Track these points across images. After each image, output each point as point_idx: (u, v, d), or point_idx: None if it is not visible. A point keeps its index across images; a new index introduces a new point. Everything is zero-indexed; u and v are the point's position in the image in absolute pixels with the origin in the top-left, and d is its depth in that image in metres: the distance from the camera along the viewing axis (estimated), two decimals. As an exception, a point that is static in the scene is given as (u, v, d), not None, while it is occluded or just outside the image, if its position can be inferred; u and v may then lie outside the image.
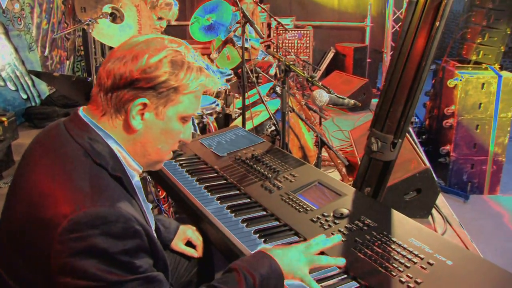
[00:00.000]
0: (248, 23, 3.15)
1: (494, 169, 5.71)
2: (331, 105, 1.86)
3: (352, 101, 1.87)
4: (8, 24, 6.00)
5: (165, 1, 3.57)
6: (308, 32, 7.33)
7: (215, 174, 2.13)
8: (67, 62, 7.28)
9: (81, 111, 1.31)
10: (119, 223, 1.10)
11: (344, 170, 3.78)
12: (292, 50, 6.93)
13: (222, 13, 4.47)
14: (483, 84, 5.37)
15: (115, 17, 2.92)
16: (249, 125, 3.34)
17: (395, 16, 7.30)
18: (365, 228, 1.60)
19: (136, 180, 1.37)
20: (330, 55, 7.65)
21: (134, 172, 1.35)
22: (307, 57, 7.28)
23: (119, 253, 1.09)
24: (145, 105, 1.24)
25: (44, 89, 6.60)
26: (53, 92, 6.61)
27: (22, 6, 6.26)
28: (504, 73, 5.43)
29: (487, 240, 4.41)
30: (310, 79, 2.09)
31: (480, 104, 5.44)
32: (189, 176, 2.11)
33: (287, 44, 7.07)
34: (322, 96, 1.86)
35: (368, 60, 7.53)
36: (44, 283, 1.13)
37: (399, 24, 7.40)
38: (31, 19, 6.48)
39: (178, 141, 1.38)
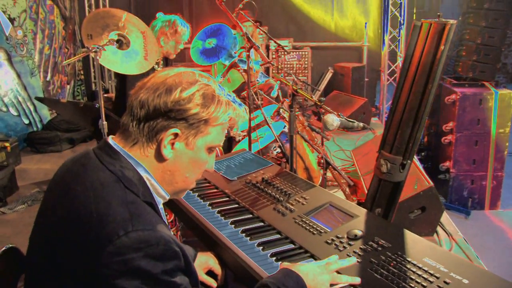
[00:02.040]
0: (253, 48, 3.22)
1: (494, 184, 5.75)
2: (342, 129, 1.92)
3: (362, 124, 1.93)
4: (11, 51, 6.07)
5: (180, 27, 3.66)
6: (306, 53, 7.43)
7: (227, 198, 2.16)
8: (68, 86, 7.35)
9: (111, 139, 1.37)
10: (160, 245, 1.17)
11: (347, 189, 3.82)
12: (292, 71, 7.02)
13: (223, 36, 4.54)
14: (481, 100, 5.45)
15: (121, 43, 2.97)
16: (253, 147, 3.39)
17: (391, 36, 7.41)
18: (380, 249, 1.63)
19: (160, 207, 1.42)
20: (329, 75, 7.74)
21: (161, 199, 1.41)
22: (305, 77, 7.36)
23: (161, 273, 1.16)
24: (176, 135, 1.31)
25: (46, 114, 6.65)
26: (55, 117, 6.66)
27: (25, 32, 6.34)
28: (500, 90, 5.52)
29: (491, 256, 4.43)
30: (318, 103, 2.14)
31: (478, 120, 5.51)
32: (201, 200, 2.14)
33: (286, 66, 7.16)
34: (333, 120, 1.92)
35: (366, 79, 7.61)
36: None
37: (395, 44, 7.53)
38: (34, 45, 6.56)
39: (203, 170, 1.45)
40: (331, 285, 1.46)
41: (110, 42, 2.85)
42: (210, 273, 1.86)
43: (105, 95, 5.65)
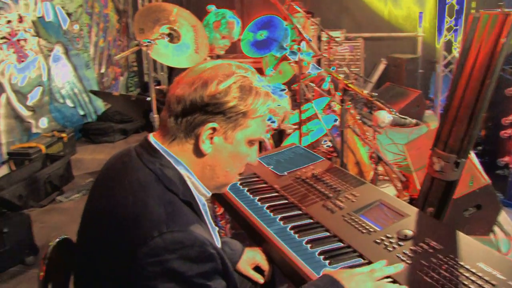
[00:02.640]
0: (304, 41, 3.18)
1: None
2: (393, 126, 1.86)
3: (414, 121, 1.87)
4: (68, 44, 6.28)
5: (229, 21, 3.65)
6: (358, 44, 7.29)
7: (276, 194, 2.15)
8: (121, 78, 7.54)
9: (152, 137, 1.37)
10: (195, 247, 1.15)
11: (399, 185, 3.74)
12: (344, 63, 6.91)
13: (275, 28, 4.51)
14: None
15: (172, 37, 3.01)
16: (304, 141, 3.36)
17: (448, 26, 7.15)
18: (431, 250, 1.58)
19: (203, 204, 1.42)
20: (382, 67, 7.57)
21: (202, 197, 1.40)
22: (358, 69, 7.24)
23: (196, 276, 1.14)
24: (214, 129, 1.29)
25: (100, 105, 6.86)
26: (109, 108, 6.85)
27: (81, 26, 6.55)
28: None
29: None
30: (370, 98, 2.09)
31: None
32: (251, 195, 2.14)
33: (338, 57, 7.06)
34: (385, 117, 1.87)
35: (420, 70, 7.39)
36: None
37: (451, 34, 7.26)
38: (89, 38, 6.77)
39: (245, 164, 1.43)
40: None
41: (161, 36, 2.88)
42: (257, 268, 1.86)
43: (157, 87, 5.76)
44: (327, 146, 3.46)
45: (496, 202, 3.26)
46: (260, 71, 5.97)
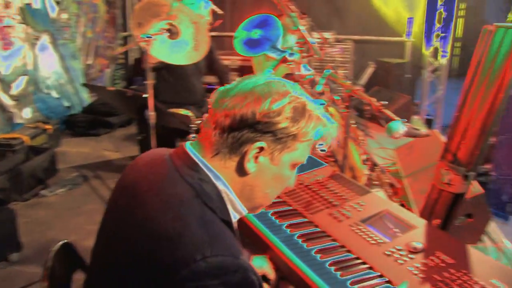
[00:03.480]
0: (306, 43, 3.16)
1: (537, 190, 5.56)
2: (406, 137, 1.85)
3: (425, 132, 1.86)
4: (55, 34, 6.14)
5: None
6: (348, 46, 7.31)
7: (279, 200, 2.12)
8: (107, 70, 7.41)
9: (190, 148, 1.29)
10: (238, 273, 1.09)
11: (390, 190, 3.74)
12: (334, 65, 6.91)
13: (269, 28, 4.47)
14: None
15: (172, 33, 2.95)
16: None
17: (435, 32, 7.22)
18: (443, 265, 1.57)
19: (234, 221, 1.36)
20: (370, 70, 7.59)
21: (237, 214, 1.34)
22: (347, 71, 7.25)
23: None
24: (262, 148, 1.22)
25: (86, 97, 6.73)
26: (95, 101, 6.73)
27: (70, 15, 6.41)
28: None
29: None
30: (381, 108, 2.08)
31: (523, 122, 5.33)
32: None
33: (328, 59, 7.05)
34: (399, 128, 1.85)
35: (407, 75, 7.45)
36: None
37: (439, 38, 7.32)
38: (77, 28, 6.62)
39: (284, 187, 1.38)
40: None
41: (161, 31, 2.82)
42: (263, 277, 1.83)
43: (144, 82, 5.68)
44: (322, 150, 3.43)
45: (486, 212, 3.29)
46: (251, 70, 5.94)
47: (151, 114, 2.81)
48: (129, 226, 1.21)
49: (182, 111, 3.77)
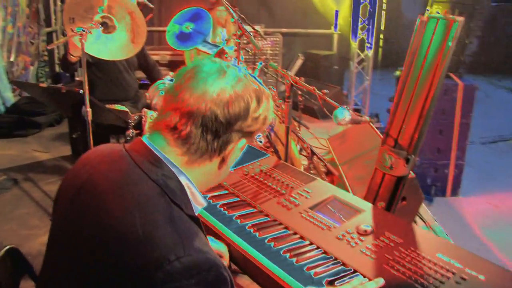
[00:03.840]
0: (244, 35, 3.16)
1: (455, 172, 5.92)
2: (350, 124, 1.91)
3: (368, 118, 1.92)
4: (-29, 29, 5.76)
5: None
6: (277, 39, 7.40)
7: (226, 191, 2.12)
8: (31, 68, 7.04)
9: (150, 142, 1.24)
10: (212, 271, 1.08)
11: (326, 178, 3.85)
12: (265, 58, 6.97)
13: (201, 21, 4.44)
14: (446, 91, 5.57)
15: (106, 26, 2.84)
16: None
17: (362, 24, 7.46)
18: (392, 244, 1.64)
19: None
20: (299, 62, 7.74)
21: (199, 207, 1.32)
22: (277, 64, 7.32)
23: None
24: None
25: (9, 96, 6.36)
26: (19, 100, 6.38)
27: (-13, 10, 6.03)
28: (466, 80, 5.68)
29: (454, 242, 4.58)
30: (323, 95, 2.13)
31: (443, 110, 5.64)
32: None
33: (258, 52, 7.09)
34: (345, 115, 1.90)
35: (335, 67, 7.66)
36: None
37: (365, 31, 7.58)
38: (-5, 23, 6.24)
39: None
40: None
41: (95, 25, 2.71)
42: None
43: (77, 78, 5.47)
44: (259, 142, 3.46)
45: (419, 194, 3.45)
46: (181, 65, 5.87)
47: (88, 110, 2.70)
48: (92, 228, 1.15)
49: (118, 107, 3.67)
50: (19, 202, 4.16)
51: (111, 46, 2.91)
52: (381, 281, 1.48)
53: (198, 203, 1.31)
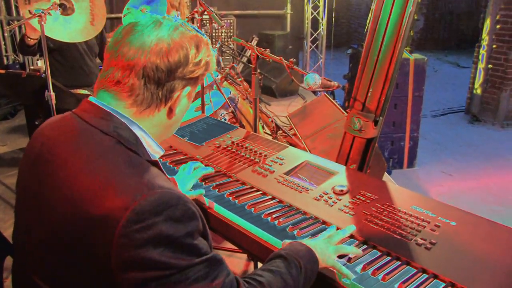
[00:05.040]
0: (207, 13, 3.15)
1: (411, 144, 6.12)
2: (321, 88, 1.95)
3: (336, 83, 1.97)
4: None
5: None
6: (231, 21, 7.38)
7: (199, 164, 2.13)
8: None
9: (97, 100, 1.26)
10: (179, 206, 1.09)
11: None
12: (223, 39, 6.97)
13: (157, 3, 4.39)
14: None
15: (65, 8, 2.77)
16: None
17: (313, 4, 7.55)
18: (368, 201, 1.70)
19: None
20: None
21: (156, 155, 1.35)
22: (232, 45, 7.32)
23: (183, 236, 1.08)
24: (190, 93, 1.30)
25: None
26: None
27: None
28: (415, 55, 5.85)
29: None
30: (291, 65, 2.16)
31: (397, 84, 5.80)
32: (175, 167, 2.10)
33: (213, 34, 7.07)
34: (315, 79, 1.94)
35: (290, 46, 7.73)
36: (103, 285, 1.09)
37: (317, 11, 7.67)
38: None
39: None
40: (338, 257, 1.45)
41: (54, 6, 2.64)
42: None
43: (32, 67, 5.28)
44: (224, 119, 3.48)
45: (382, 162, 3.57)
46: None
47: (52, 94, 2.63)
48: (55, 190, 1.15)
49: (82, 91, 3.58)
50: (-21, 196, 4.02)
51: (70, 28, 2.84)
52: (352, 227, 1.56)
53: (155, 151, 1.33)
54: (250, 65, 4.71)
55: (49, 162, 1.21)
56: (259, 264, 2.63)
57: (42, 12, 2.48)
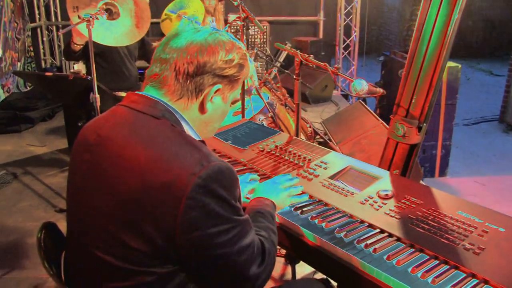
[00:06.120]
0: (249, 18, 3.22)
1: (443, 153, 6.06)
2: (367, 94, 1.99)
3: (382, 90, 2.01)
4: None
5: None
6: (265, 27, 7.45)
7: (244, 167, 2.18)
8: (18, 63, 6.98)
9: (145, 92, 1.41)
10: (230, 174, 1.28)
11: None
12: (260, 45, 7.05)
13: (193, 8, 4.50)
14: (433, 73, 5.67)
15: (111, 12, 2.88)
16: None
17: (346, 10, 7.57)
18: (413, 206, 1.73)
19: None
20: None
21: None
22: (266, 51, 7.39)
23: (234, 199, 1.29)
24: (218, 90, 1.43)
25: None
26: (9, 96, 6.33)
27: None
28: (449, 63, 5.79)
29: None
30: (336, 71, 2.21)
31: (431, 92, 5.77)
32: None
33: (249, 40, 7.15)
34: (363, 84, 1.98)
35: (322, 53, 7.75)
36: (164, 249, 1.22)
37: (350, 18, 7.68)
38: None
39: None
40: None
41: (100, 11, 2.75)
42: None
43: (71, 70, 5.43)
44: (262, 124, 3.53)
45: (418, 170, 3.58)
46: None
47: (97, 96, 2.74)
48: (121, 167, 1.27)
49: (123, 94, 3.69)
50: (21, 196, 4.16)
51: (116, 32, 2.94)
52: (296, 179, 1.91)
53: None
54: (286, 71, 4.77)
55: (109, 146, 1.33)
56: (301, 266, 2.68)
57: (90, 17, 2.58)
